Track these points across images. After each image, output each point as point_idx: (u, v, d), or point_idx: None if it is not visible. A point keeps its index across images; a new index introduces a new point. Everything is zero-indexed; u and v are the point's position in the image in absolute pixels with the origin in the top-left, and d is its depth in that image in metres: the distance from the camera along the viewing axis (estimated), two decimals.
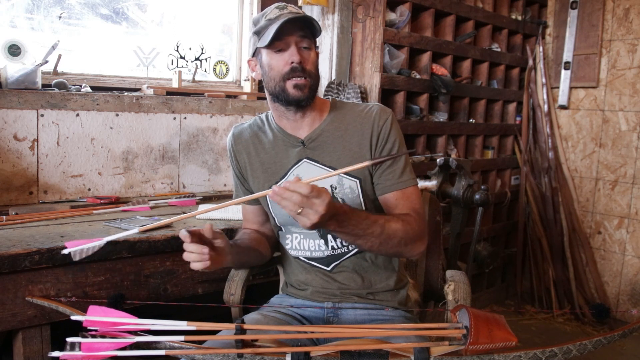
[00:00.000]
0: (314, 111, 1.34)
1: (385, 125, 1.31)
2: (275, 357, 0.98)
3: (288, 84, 1.25)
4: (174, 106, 2.15)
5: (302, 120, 1.33)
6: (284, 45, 1.25)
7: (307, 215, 1.03)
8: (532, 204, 3.36)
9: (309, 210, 1.02)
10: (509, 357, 0.95)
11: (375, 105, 1.35)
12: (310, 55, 1.28)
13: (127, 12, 2.25)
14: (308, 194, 1.00)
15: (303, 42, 1.26)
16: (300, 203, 1.01)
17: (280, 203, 1.02)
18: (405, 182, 1.31)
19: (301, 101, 1.27)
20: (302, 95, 1.26)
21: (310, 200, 1.01)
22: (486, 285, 3.35)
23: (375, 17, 2.49)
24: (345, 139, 1.32)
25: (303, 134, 1.34)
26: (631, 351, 2.78)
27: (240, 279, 1.46)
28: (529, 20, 3.35)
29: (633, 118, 3.06)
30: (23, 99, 1.81)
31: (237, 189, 1.47)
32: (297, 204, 1.01)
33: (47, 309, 1.37)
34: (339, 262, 1.36)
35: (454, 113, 3.03)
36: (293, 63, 1.24)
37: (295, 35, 1.25)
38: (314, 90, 1.29)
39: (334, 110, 1.36)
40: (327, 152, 1.32)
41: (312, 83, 1.27)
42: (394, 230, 1.20)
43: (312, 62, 1.27)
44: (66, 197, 1.94)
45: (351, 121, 1.33)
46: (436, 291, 1.63)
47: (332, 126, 1.33)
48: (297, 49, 1.25)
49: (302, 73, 1.25)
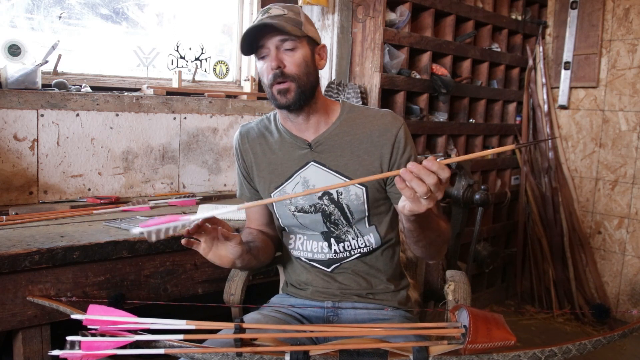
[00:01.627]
0: (319, 113, 1.31)
1: (399, 134, 1.29)
2: (274, 356, 0.98)
3: (274, 90, 1.24)
4: (174, 106, 2.15)
5: (307, 122, 1.31)
6: (267, 51, 1.24)
7: (430, 200, 0.95)
8: (532, 204, 3.36)
9: (436, 195, 0.94)
10: (508, 357, 0.95)
11: (387, 113, 1.33)
12: (294, 56, 1.23)
13: (127, 12, 2.26)
14: (446, 178, 0.92)
15: (285, 45, 1.23)
16: (434, 186, 0.92)
17: (412, 182, 0.92)
18: None
19: (288, 106, 1.25)
20: (286, 101, 1.24)
21: (441, 186, 0.93)
22: (486, 285, 3.35)
23: (375, 17, 2.49)
24: (354, 144, 1.30)
25: (310, 136, 1.32)
26: (631, 351, 2.78)
27: (240, 279, 1.46)
28: (529, 20, 3.35)
29: (633, 118, 3.06)
30: (23, 99, 1.81)
31: (241, 188, 1.46)
32: (430, 187, 0.92)
33: (47, 308, 1.37)
34: (339, 264, 1.36)
35: (454, 113, 3.04)
36: (272, 69, 1.23)
37: (275, 39, 1.22)
38: (303, 92, 1.24)
39: (343, 114, 1.33)
40: (335, 157, 1.30)
41: (297, 86, 1.23)
42: (443, 229, 1.19)
43: (295, 63, 1.23)
44: (66, 197, 1.94)
45: (361, 127, 1.31)
46: (436, 291, 1.63)
47: (341, 130, 1.32)
48: (277, 53, 1.22)
49: (282, 78, 1.22)
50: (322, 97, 1.33)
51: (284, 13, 1.25)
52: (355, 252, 1.35)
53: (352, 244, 1.34)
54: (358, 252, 1.35)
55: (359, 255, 1.35)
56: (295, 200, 1.33)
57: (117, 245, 1.47)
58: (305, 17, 1.29)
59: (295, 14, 1.27)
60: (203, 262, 1.66)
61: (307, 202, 1.32)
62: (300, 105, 1.26)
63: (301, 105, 1.26)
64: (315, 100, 1.30)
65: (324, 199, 1.31)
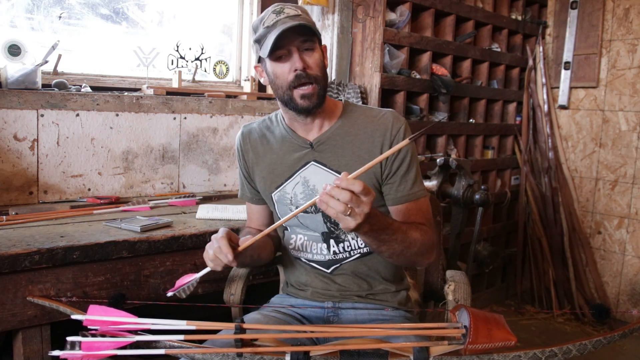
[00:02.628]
0: (324, 113, 1.31)
1: (399, 134, 1.28)
2: (275, 356, 0.98)
3: (295, 93, 1.23)
4: (174, 106, 2.15)
5: (312, 123, 1.31)
6: (286, 52, 1.22)
7: (354, 216, 0.98)
8: (532, 204, 3.36)
9: (357, 209, 0.97)
10: (508, 357, 0.95)
11: (389, 112, 1.32)
12: (314, 57, 1.23)
13: (127, 12, 2.26)
14: (361, 191, 0.95)
15: (305, 45, 1.23)
16: (350, 201, 0.95)
17: (329, 203, 0.96)
18: (417, 194, 1.29)
19: (310, 110, 1.25)
20: (310, 104, 1.24)
21: (359, 198, 0.96)
22: (486, 285, 3.35)
23: (375, 17, 2.49)
24: (355, 144, 1.30)
25: (312, 136, 1.32)
26: (631, 351, 2.78)
27: (240, 279, 1.46)
28: (529, 20, 3.35)
29: (633, 118, 3.06)
30: (23, 99, 1.81)
31: (243, 188, 1.47)
32: (347, 203, 0.95)
33: (47, 308, 1.37)
34: (338, 266, 1.36)
35: (454, 113, 3.04)
36: (297, 71, 1.21)
37: (297, 40, 1.21)
38: (322, 95, 1.26)
39: (345, 114, 1.33)
40: (336, 156, 1.30)
41: (319, 88, 1.24)
42: (414, 239, 1.19)
43: (316, 64, 1.23)
44: (66, 197, 1.94)
45: (362, 126, 1.31)
46: (436, 291, 1.63)
47: (342, 130, 1.32)
48: (299, 55, 1.21)
49: (307, 79, 1.21)
50: (328, 98, 1.33)
51: (299, 13, 1.24)
52: (355, 252, 1.34)
53: (352, 244, 1.34)
54: (358, 253, 1.35)
55: (358, 255, 1.35)
56: (296, 200, 1.33)
57: (117, 245, 1.47)
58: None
59: (306, 13, 1.27)
60: (203, 262, 1.65)
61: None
62: (320, 107, 1.26)
63: (319, 108, 1.27)
64: (325, 101, 1.30)
65: None
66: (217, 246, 1.12)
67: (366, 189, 0.97)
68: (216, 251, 1.12)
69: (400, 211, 1.30)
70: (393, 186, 1.29)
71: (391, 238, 1.14)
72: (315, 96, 1.23)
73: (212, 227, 1.68)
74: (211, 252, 1.13)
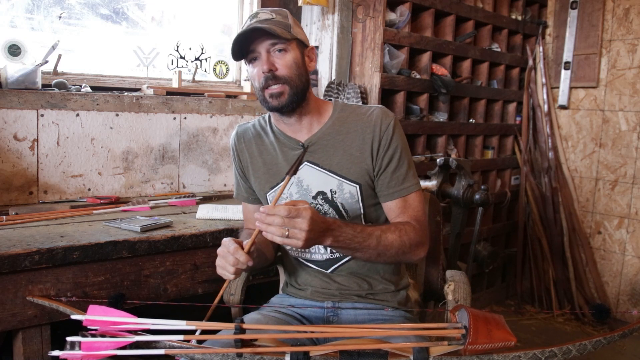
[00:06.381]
0: (311, 114, 1.32)
1: (388, 130, 1.29)
2: (275, 356, 0.98)
3: (266, 93, 1.25)
4: (174, 106, 2.15)
5: (300, 123, 1.32)
6: (258, 55, 1.25)
7: (294, 236, 1.05)
8: (532, 204, 3.36)
9: (294, 230, 1.04)
10: (508, 357, 0.95)
11: (378, 109, 1.32)
12: (285, 58, 1.24)
13: (127, 12, 2.26)
14: (287, 214, 1.03)
15: (276, 47, 1.24)
16: (283, 225, 1.03)
17: (267, 230, 1.05)
18: (408, 189, 1.30)
19: (280, 108, 1.26)
20: (279, 104, 1.25)
21: (292, 220, 1.04)
22: (486, 285, 3.35)
23: (375, 17, 2.49)
24: (346, 143, 1.31)
25: (303, 137, 1.33)
26: (631, 351, 2.78)
27: (240, 279, 1.46)
28: (529, 20, 3.35)
29: (633, 118, 3.06)
30: (23, 99, 1.81)
31: (238, 188, 1.47)
32: (281, 227, 1.04)
33: (47, 308, 1.37)
34: (338, 266, 1.36)
35: (454, 113, 3.03)
36: (264, 73, 1.23)
37: (266, 43, 1.23)
38: (296, 94, 1.26)
39: (336, 113, 1.34)
40: (328, 156, 1.31)
41: (290, 88, 1.25)
42: (390, 242, 1.21)
43: (286, 65, 1.24)
44: (66, 197, 1.94)
45: (353, 125, 1.31)
46: (436, 291, 1.63)
47: (333, 129, 1.32)
48: (267, 57, 1.23)
49: (274, 81, 1.23)
50: (313, 98, 1.34)
51: (273, 17, 1.26)
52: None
53: None
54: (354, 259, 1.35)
55: None
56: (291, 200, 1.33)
57: (117, 245, 1.47)
58: (293, 19, 1.30)
59: (283, 17, 1.28)
60: (203, 262, 1.66)
61: None
62: (293, 107, 1.27)
63: (294, 107, 1.28)
64: (307, 101, 1.31)
65: (318, 199, 1.32)
66: (233, 257, 1.13)
67: (293, 211, 1.03)
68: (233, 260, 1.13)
69: (391, 208, 1.31)
70: (384, 182, 1.30)
71: (362, 246, 1.18)
72: (285, 95, 1.25)
73: (212, 227, 1.68)
74: (231, 258, 1.13)
